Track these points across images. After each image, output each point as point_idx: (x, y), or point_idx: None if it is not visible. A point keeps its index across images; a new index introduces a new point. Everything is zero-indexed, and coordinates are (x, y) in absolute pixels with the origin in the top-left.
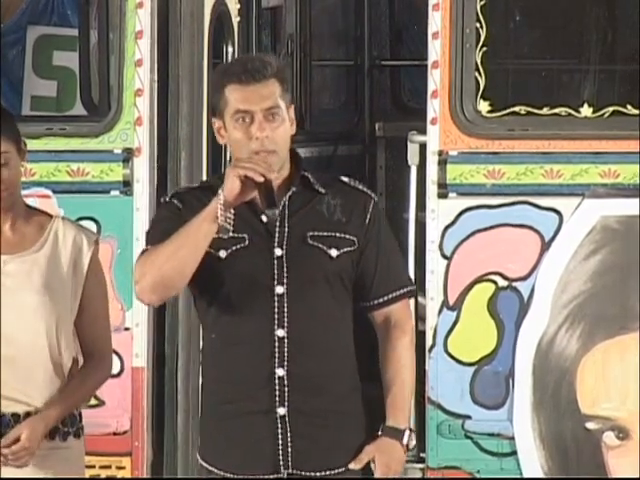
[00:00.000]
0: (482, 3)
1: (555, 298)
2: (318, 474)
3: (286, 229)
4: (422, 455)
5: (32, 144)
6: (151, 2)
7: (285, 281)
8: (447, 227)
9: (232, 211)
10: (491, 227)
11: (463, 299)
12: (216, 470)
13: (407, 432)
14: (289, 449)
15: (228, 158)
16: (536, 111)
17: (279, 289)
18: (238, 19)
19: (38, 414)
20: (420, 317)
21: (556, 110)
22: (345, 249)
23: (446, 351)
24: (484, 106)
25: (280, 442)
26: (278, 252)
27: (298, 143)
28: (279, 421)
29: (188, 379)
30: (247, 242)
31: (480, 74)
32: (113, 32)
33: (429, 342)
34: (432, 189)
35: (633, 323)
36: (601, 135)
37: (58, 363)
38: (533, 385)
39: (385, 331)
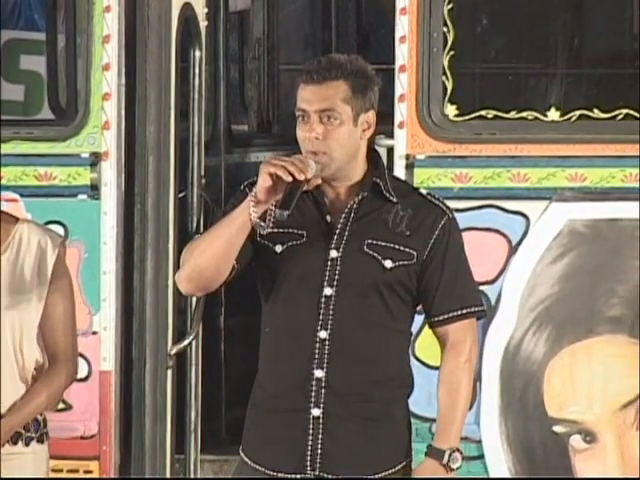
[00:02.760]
0: (449, 7)
1: (522, 302)
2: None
3: (346, 233)
4: None
5: None
6: (118, 6)
7: (335, 284)
8: None
9: (272, 207)
10: None
11: None
12: (250, 462)
13: (449, 453)
14: (318, 450)
15: (195, 162)
16: (503, 115)
17: (327, 291)
18: (205, 23)
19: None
20: None
21: (523, 114)
22: (401, 262)
23: (414, 355)
24: (451, 110)
25: (310, 443)
26: (333, 254)
27: (265, 147)
28: (312, 422)
29: (156, 383)
30: (304, 239)
31: (447, 78)
32: (80, 36)
33: None
34: None
35: (600, 326)
36: (568, 139)
37: (22, 367)
38: (500, 388)
39: (442, 350)
